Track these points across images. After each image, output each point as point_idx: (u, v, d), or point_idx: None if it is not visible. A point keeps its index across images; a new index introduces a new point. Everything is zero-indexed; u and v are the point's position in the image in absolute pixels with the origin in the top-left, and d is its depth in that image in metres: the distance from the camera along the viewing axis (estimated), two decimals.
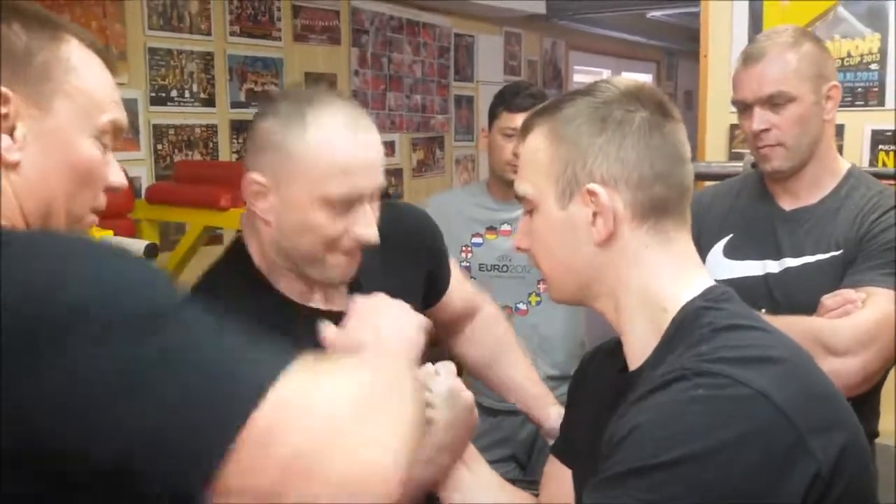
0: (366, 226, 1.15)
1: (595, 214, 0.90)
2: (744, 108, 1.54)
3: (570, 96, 0.96)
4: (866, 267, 1.41)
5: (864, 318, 1.33)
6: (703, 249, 1.61)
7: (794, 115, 1.49)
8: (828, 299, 1.38)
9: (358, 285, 1.23)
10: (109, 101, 0.85)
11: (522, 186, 0.96)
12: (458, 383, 1.07)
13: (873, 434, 1.56)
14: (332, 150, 1.12)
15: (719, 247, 1.59)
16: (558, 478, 1.09)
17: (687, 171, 0.94)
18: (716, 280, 1.61)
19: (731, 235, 1.59)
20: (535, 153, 0.95)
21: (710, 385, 0.77)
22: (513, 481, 1.22)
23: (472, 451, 1.11)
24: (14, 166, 0.77)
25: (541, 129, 0.95)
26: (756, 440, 0.74)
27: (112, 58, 0.92)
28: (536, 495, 1.17)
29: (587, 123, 0.91)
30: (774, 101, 1.49)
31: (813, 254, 1.49)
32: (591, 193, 0.89)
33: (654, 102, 0.93)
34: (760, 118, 1.50)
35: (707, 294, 0.89)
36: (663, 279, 0.90)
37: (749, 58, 1.53)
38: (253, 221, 1.19)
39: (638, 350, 0.91)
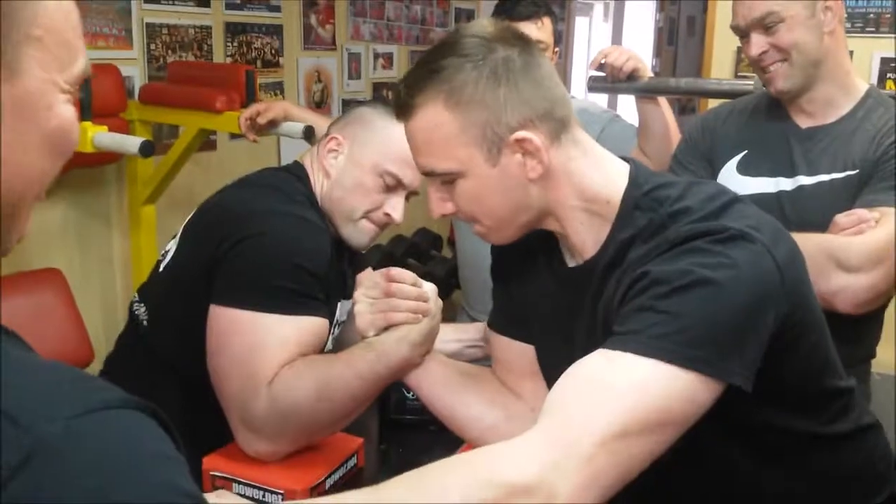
0: (396, 208, 1.44)
1: (524, 156, 0.97)
2: (742, 34, 1.53)
3: (438, 62, 0.97)
4: (881, 187, 1.40)
5: (876, 236, 1.33)
6: (715, 165, 1.60)
7: (789, 34, 1.46)
8: (841, 218, 1.37)
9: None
10: (80, 40, 0.64)
11: (441, 164, 0.99)
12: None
13: (870, 356, 1.57)
14: (404, 141, 1.37)
15: (733, 163, 1.57)
16: (508, 350, 1.20)
17: (562, 86, 1.02)
18: None
19: (745, 152, 1.57)
20: (438, 129, 0.97)
21: (707, 238, 0.90)
22: None
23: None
24: None
25: (433, 104, 0.97)
26: (749, 264, 0.88)
27: None
28: None
29: (481, 81, 0.95)
30: (766, 24, 1.47)
31: (828, 172, 1.47)
32: (520, 141, 0.96)
33: (515, 37, 0.99)
34: (756, 43, 1.50)
35: (636, 176, 1.00)
36: (594, 178, 1.00)
37: None
38: (314, 172, 1.47)
39: (589, 242, 1.01)
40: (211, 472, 1.23)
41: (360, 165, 1.43)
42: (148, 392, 0.71)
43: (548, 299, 1.10)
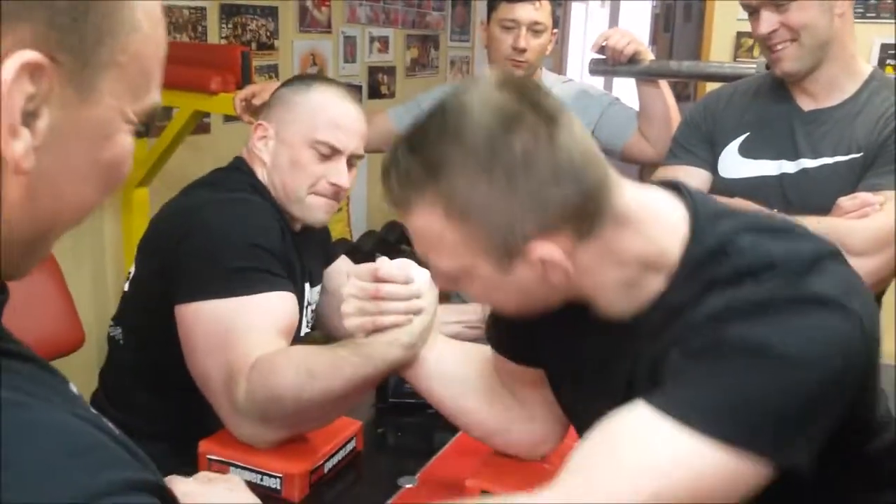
0: (339, 174, 1.42)
1: (544, 267, 0.80)
2: (751, 11, 1.51)
3: (436, 151, 0.78)
4: (885, 171, 1.39)
5: (881, 220, 1.33)
6: (717, 147, 1.59)
7: (801, 14, 1.44)
8: (845, 201, 1.37)
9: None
10: (159, 71, 0.58)
11: (443, 264, 0.83)
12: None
13: None
14: (327, 107, 1.43)
15: (734, 145, 1.56)
16: (509, 365, 1.10)
17: (593, 145, 0.81)
18: (730, 178, 1.58)
19: (747, 134, 1.56)
20: (440, 235, 0.81)
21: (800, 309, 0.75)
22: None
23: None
24: (21, 172, 0.51)
25: (431, 210, 0.80)
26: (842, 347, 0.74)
27: None
28: None
29: (489, 183, 0.76)
30: (778, 2, 1.45)
31: (832, 155, 1.46)
32: (537, 256, 0.79)
33: (534, 108, 0.77)
34: (767, 20, 1.47)
35: (698, 227, 0.82)
36: (642, 249, 0.83)
37: None
38: (253, 162, 1.47)
39: (627, 308, 0.85)
40: (208, 456, 1.21)
41: (291, 144, 1.43)
42: (146, 405, 0.66)
43: (564, 341, 0.97)
